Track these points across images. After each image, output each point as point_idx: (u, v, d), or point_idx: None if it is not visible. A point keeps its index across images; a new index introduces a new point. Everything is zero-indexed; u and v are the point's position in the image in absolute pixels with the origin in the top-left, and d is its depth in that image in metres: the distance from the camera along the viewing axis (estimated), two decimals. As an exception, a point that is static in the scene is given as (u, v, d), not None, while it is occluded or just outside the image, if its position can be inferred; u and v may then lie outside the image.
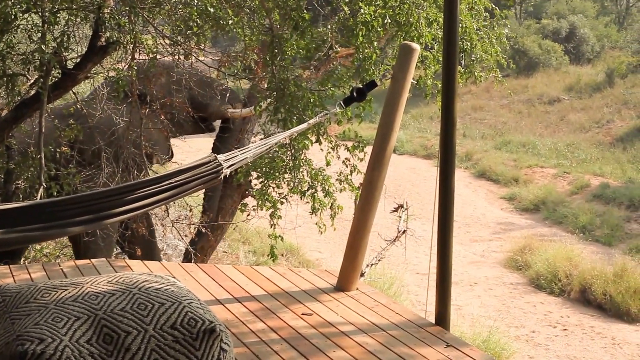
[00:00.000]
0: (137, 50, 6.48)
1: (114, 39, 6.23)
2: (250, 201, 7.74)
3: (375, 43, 6.24)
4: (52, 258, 8.83)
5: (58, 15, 6.09)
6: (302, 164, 6.39)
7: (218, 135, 8.79)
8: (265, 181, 6.49)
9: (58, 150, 6.74)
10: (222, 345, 2.58)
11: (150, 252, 7.82)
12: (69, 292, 2.61)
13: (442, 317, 4.83)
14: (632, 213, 15.19)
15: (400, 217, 8.47)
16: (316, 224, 6.63)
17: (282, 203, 6.68)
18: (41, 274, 5.31)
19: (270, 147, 4.63)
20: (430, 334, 4.64)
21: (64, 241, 8.93)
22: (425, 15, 6.28)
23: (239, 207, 6.89)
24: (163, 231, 8.85)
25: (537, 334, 10.21)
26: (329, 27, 6.62)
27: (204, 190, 7.54)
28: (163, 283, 2.72)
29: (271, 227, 6.74)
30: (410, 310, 5.41)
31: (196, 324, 2.55)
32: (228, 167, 4.09)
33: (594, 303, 11.01)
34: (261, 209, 6.89)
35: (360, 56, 6.23)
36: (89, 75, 6.68)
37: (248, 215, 8.10)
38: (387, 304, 5.15)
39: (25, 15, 6.29)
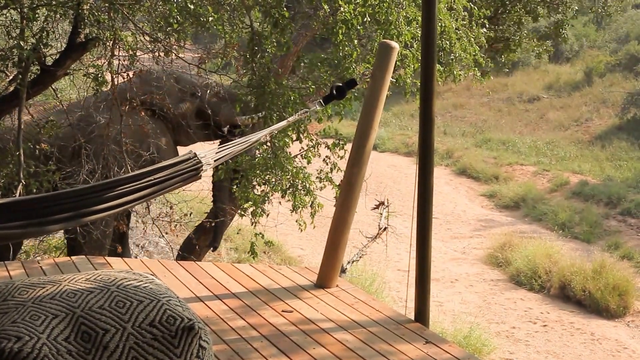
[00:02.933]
0: (117, 47, 6.45)
1: (94, 35, 6.20)
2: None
3: (355, 41, 6.26)
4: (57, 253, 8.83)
5: (37, 11, 6.05)
6: (283, 162, 6.40)
7: (222, 142, 8.75)
8: (245, 180, 6.49)
9: (38, 147, 6.70)
10: (201, 343, 2.58)
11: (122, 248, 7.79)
12: (47, 290, 2.61)
13: (422, 313, 4.86)
14: (610, 210, 15.32)
15: (381, 214, 8.50)
16: (296, 221, 6.64)
17: (263, 202, 6.68)
18: (20, 272, 5.29)
19: (250, 145, 4.63)
20: (409, 330, 4.67)
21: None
22: (404, 14, 6.30)
23: (239, 212, 6.86)
24: (144, 228, 8.82)
25: (518, 330, 10.28)
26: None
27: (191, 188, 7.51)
28: (142, 281, 2.72)
29: (252, 224, 6.74)
30: (390, 307, 5.44)
31: (175, 322, 2.54)
32: (207, 165, 4.08)
33: (574, 299, 11.10)
34: (243, 207, 6.89)
35: (340, 54, 6.24)
36: (68, 71, 6.64)
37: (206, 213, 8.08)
38: (367, 301, 5.17)
39: (4, 11, 6.25)
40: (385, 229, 8.40)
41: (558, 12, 10.34)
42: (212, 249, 8.97)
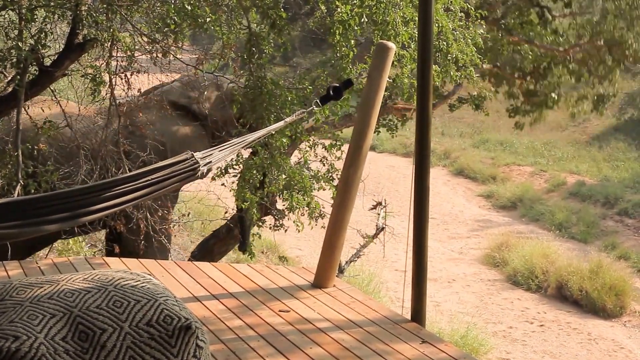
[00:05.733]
0: (115, 47, 6.46)
1: (92, 36, 6.21)
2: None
3: (352, 41, 6.28)
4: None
5: (35, 12, 6.07)
6: (280, 162, 6.41)
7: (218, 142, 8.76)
8: (242, 180, 6.51)
9: (36, 147, 6.71)
10: (198, 342, 2.60)
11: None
12: (45, 290, 2.62)
13: (418, 313, 4.87)
14: (607, 210, 15.36)
15: (378, 214, 8.52)
16: (294, 222, 6.66)
17: (260, 203, 6.71)
18: (18, 272, 5.30)
19: (247, 145, 4.64)
20: (406, 330, 4.68)
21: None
22: (401, 15, 6.32)
23: (256, 222, 6.90)
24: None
25: (515, 329, 10.31)
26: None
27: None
28: (139, 280, 2.73)
29: (250, 225, 6.76)
30: (387, 307, 5.46)
31: (172, 321, 2.56)
32: (205, 165, 4.09)
33: (570, 299, 11.13)
34: (240, 208, 6.91)
35: (337, 54, 6.26)
36: (66, 72, 6.65)
37: (226, 212, 8.12)
38: (364, 301, 5.18)
39: (2, 12, 6.26)
40: (382, 229, 8.42)
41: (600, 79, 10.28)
42: (243, 251, 8.96)
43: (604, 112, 11.04)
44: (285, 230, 7.44)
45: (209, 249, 8.81)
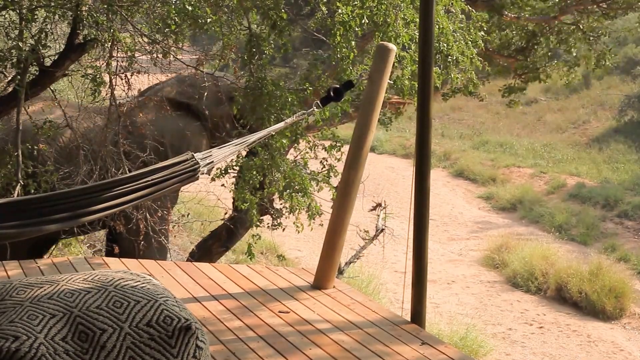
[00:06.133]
0: (115, 48, 6.46)
1: (92, 36, 6.21)
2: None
3: (353, 43, 6.28)
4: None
5: (36, 12, 6.07)
6: (280, 163, 6.41)
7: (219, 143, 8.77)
8: (242, 181, 6.50)
9: (36, 147, 6.71)
10: (197, 343, 2.60)
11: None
12: (45, 290, 2.62)
13: (418, 315, 4.87)
14: (607, 212, 15.35)
15: (378, 215, 8.53)
16: (294, 223, 6.66)
17: (259, 204, 6.70)
18: (18, 272, 5.30)
19: (247, 145, 4.64)
20: (405, 331, 4.68)
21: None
22: (402, 16, 6.32)
23: (255, 223, 6.92)
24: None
25: (514, 331, 10.31)
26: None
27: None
28: (139, 281, 2.73)
29: (249, 226, 6.76)
30: (386, 308, 5.46)
31: (172, 322, 2.56)
32: (205, 166, 4.09)
33: (570, 301, 11.13)
34: (239, 208, 6.90)
35: (338, 56, 6.26)
36: (66, 72, 6.65)
37: (226, 213, 8.12)
38: (364, 302, 5.18)
39: (3, 13, 6.26)
40: (382, 230, 8.43)
41: (590, 42, 10.26)
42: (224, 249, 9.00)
43: (607, 68, 10.94)
44: (283, 230, 7.43)
45: (208, 249, 8.82)
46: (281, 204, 6.75)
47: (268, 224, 7.35)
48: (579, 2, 9.77)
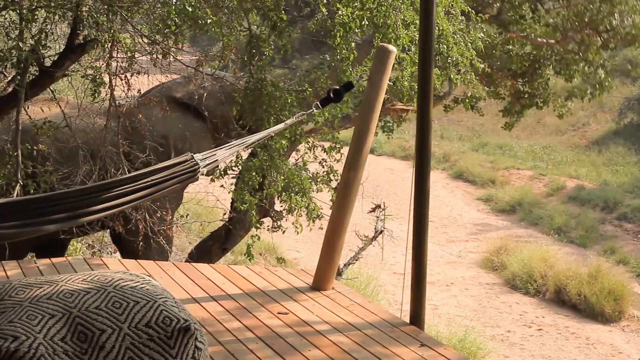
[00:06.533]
0: (115, 48, 6.46)
1: (92, 37, 6.21)
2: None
3: (353, 44, 6.28)
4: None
5: (36, 12, 6.07)
6: (279, 164, 6.41)
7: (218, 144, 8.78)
8: (242, 182, 6.51)
9: (35, 147, 6.71)
10: (196, 344, 2.60)
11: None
12: (44, 290, 2.62)
13: (417, 316, 4.87)
14: (606, 215, 15.36)
15: (377, 217, 8.53)
16: (293, 223, 6.66)
17: (259, 205, 6.71)
18: (17, 272, 5.29)
19: (247, 146, 4.64)
20: (404, 333, 4.68)
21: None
22: (402, 18, 6.32)
23: (255, 224, 6.92)
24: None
25: (513, 333, 10.31)
26: None
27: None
28: (138, 281, 2.73)
29: (248, 227, 6.76)
30: (385, 310, 5.45)
31: (171, 323, 2.56)
32: (205, 167, 4.09)
33: (569, 303, 11.13)
34: (238, 209, 6.91)
35: (338, 57, 6.27)
36: (66, 73, 6.65)
37: (225, 214, 8.12)
38: (363, 304, 5.18)
39: (3, 13, 6.26)
40: (381, 231, 8.43)
41: (587, 74, 10.22)
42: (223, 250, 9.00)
43: (609, 89, 10.90)
44: (283, 232, 7.44)
45: (207, 250, 8.81)
46: (280, 205, 6.74)
47: (268, 226, 7.35)
48: (580, 28, 9.71)
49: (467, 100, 9.63)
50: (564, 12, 9.90)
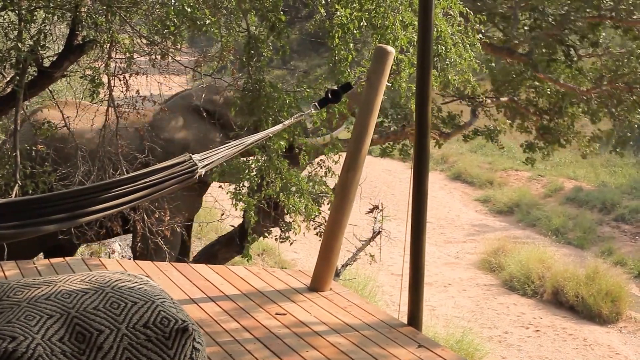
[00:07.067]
0: (114, 49, 6.47)
1: (91, 37, 6.22)
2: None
3: (351, 45, 6.29)
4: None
5: (35, 13, 6.08)
6: (277, 165, 6.41)
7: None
8: (239, 183, 6.50)
9: (34, 148, 6.72)
10: (194, 345, 2.61)
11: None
12: (42, 291, 2.63)
13: (415, 317, 4.87)
14: (604, 216, 15.37)
15: (375, 218, 8.54)
16: (290, 224, 6.66)
17: (257, 206, 6.70)
18: (15, 272, 5.30)
19: (245, 147, 4.64)
20: (402, 334, 4.69)
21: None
22: (400, 19, 6.33)
23: (264, 234, 6.91)
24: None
25: (510, 334, 10.32)
26: None
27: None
28: (136, 282, 2.74)
29: (245, 228, 6.75)
30: (383, 311, 5.46)
31: (169, 323, 2.57)
32: (203, 167, 4.10)
33: (566, 305, 11.14)
34: (235, 209, 6.90)
35: (336, 58, 6.27)
36: (65, 73, 6.66)
37: (222, 214, 8.11)
38: (360, 305, 5.19)
39: (2, 13, 6.27)
40: (379, 232, 8.43)
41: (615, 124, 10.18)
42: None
43: (622, 154, 10.89)
44: (291, 244, 7.48)
45: (213, 255, 8.77)
46: (280, 205, 6.73)
47: (276, 236, 7.38)
48: (612, 83, 9.64)
49: (488, 133, 9.63)
50: (598, 61, 9.88)
